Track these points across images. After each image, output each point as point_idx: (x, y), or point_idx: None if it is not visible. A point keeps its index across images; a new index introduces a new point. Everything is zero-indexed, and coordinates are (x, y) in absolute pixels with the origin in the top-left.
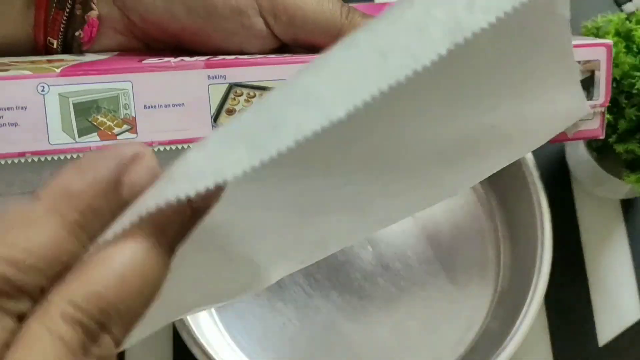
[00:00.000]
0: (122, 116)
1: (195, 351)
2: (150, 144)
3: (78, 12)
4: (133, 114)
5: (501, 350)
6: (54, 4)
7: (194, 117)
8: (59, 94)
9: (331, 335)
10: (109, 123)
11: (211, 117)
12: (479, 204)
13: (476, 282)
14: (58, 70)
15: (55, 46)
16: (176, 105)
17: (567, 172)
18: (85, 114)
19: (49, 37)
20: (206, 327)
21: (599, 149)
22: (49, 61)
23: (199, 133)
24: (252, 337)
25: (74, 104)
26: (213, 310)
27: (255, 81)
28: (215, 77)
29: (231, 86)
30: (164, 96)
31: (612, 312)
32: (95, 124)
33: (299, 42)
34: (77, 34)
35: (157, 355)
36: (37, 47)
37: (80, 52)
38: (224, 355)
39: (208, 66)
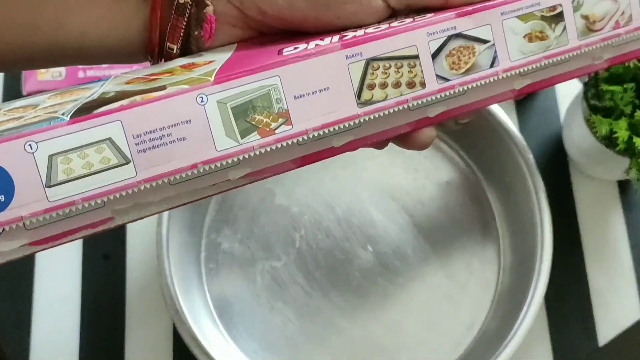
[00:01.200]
0: (276, 111)
1: (195, 350)
2: (305, 132)
3: (192, 10)
4: (286, 107)
5: (501, 349)
6: (173, 10)
7: (340, 98)
8: (217, 102)
9: (330, 334)
10: (265, 120)
11: (354, 95)
12: (477, 202)
13: (476, 281)
14: (212, 79)
15: (175, 51)
16: (322, 90)
17: (564, 157)
18: (244, 116)
19: (168, 43)
20: (206, 326)
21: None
22: (186, 67)
23: (346, 113)
24: (252, 336)
25: (232, 108)
26: (213, 309)
27: (388, 52)
28: (353, 56)
29: (368, 62)
30: (310, 83)
31: (611, 312)
32: (253, 123)
33: (411, 7)
34: (196, 33)
35: (157, 355)
36: (149, 48)
37: (199, 51)
38: (224, 355)
39: (344, 47)
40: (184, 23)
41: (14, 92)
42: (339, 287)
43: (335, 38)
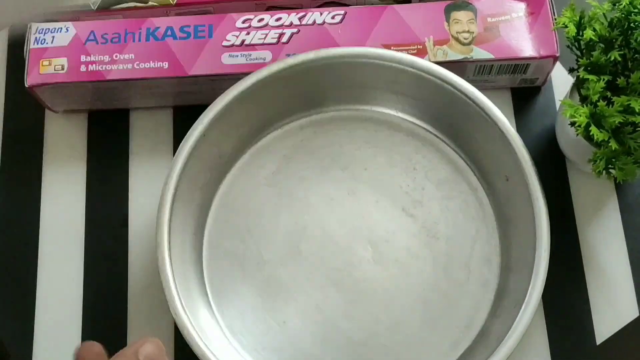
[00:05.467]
0: None
1: (196, 350)
2: None
3: None
4: None
5: (499, 348)
6: None
7: None
8: None
9: (331, 334)
10: None
11: None
12: (477, 203)
13: (475, 281)
14: None
15: None
16: None
17: (562, 156)
18: None
19: None
20: (207, 326)
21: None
22: None
23: None
24: (253, 335)
25: None
26: (214, 309)
27: None
28: None
29: None
30: None
31: (609, 310)
32: None
33: None
34: None
35: None
36: None
37: None
38: (225, 354)
39: None
40: None
41: (16, 86)
42: (339, 286)
43: None
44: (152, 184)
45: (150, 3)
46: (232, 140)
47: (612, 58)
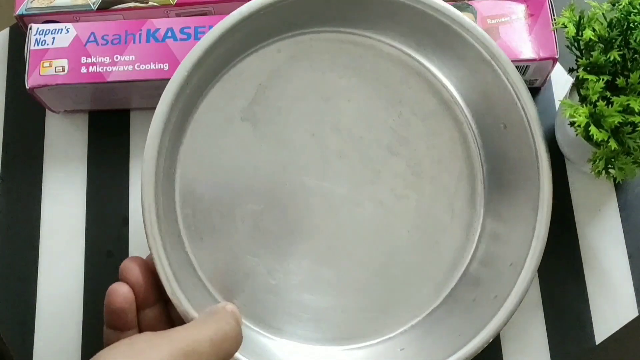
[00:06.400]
0: None
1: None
2: None
3: None
4: None
5: (502, 308)
6: None
7: None
8: None
9: (316, 282)
10: None
11: None
12: (462, 140)
13: (458, 223)
14: None
15: None
16: None
17: (562, 157)
18: None
19: None
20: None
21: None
22: None
23: None
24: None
25: None
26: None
27: None
28: None
29: None
30: None
31: (609, 310)
32: None
33: None
34: None
35: None
36: None
37: None
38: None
39: None
40: None
41: (16, 86)
42: (322, 230)
43: None
44: None
45: (150, 3)
46: (199, 68)
47: (612, 58)
